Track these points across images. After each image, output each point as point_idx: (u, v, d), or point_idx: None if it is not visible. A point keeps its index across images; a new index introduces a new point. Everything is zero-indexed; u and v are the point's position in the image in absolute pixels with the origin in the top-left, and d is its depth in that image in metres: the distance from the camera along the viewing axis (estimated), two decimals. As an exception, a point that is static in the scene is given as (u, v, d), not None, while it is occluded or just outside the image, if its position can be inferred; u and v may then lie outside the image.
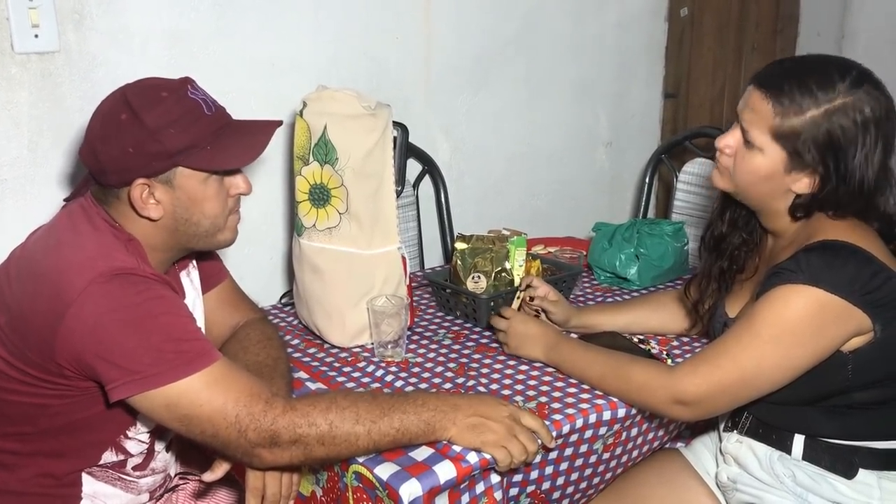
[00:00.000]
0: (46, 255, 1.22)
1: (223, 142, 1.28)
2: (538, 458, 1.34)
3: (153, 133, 1.22)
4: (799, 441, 1.40)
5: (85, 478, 1.32)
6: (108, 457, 1.32)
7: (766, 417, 1.44)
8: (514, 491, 1.35)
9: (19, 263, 1.26)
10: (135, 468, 1.37)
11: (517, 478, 1.34)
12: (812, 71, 1.31)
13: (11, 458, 1.28)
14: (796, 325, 1.26)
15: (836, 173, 1.29)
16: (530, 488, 1.37)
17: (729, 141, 1.39)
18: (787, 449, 1.41)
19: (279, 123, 1.38)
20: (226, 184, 1.33)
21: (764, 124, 1.32)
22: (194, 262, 1.50)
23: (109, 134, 1.24)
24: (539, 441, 1.30)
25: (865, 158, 1.28)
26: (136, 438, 1.34)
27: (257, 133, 1.34)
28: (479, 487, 1.30)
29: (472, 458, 1.26)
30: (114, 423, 1.30)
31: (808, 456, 1.39)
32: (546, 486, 1.38)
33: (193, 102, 1.27)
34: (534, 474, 1.35)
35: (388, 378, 1.57)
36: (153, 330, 1.16)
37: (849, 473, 1.36)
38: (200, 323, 1.48)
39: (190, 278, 1.48)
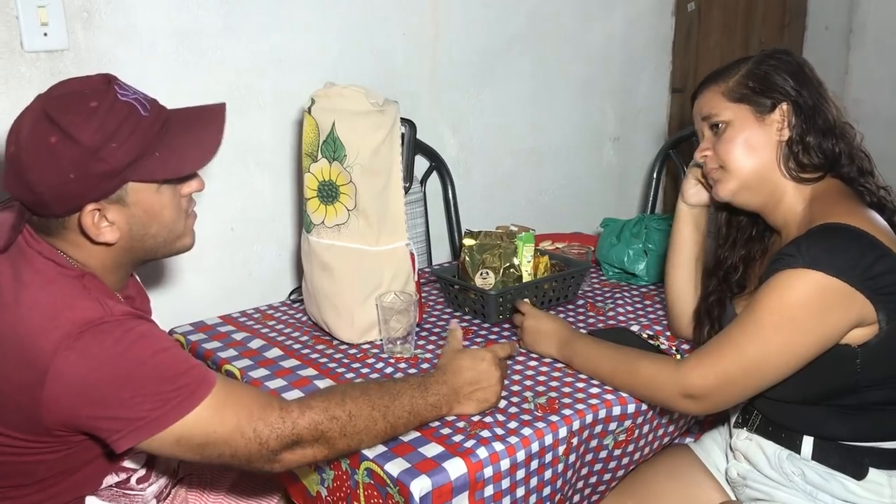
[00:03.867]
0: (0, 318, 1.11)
1: (170, 143, 1.17)
2: (550, 457, 1.35)
3: (94, 153, 1.09)
4: (808, 441, 1.40)
5: (89, 499, 1.28)
6: (111, 479, 1.29)
7: (776, 417, 1.43)
8: (533, 499, 1.36)
9: None
10: (139, 481, 1.34)
11: (533, 482, 1.34)
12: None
13: (10, 502, 1.21)
14: (797, 310, 1.25)
15: (797, 102, 1.39)
16: (546, 490, 1.37)
17: (703, 145, 1.48)
18: (796, 448, 1.41)
19: (223, 107, 1.25)
20: (180, 187, 1.23)
21: (717, 100, 1.44)
22: None
23: (41, 162, 1.09)
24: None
25: (812, 88, 1.41)
26: (135, 458, 1.31)
27: (205, 124, 1.22)
28: (506, 501, 1.31)
29: (483, 453, 1.27)
30: (112, 457, 1.24)
31: (817, 456, 1.39)
32: (559, 483, 1.38)
33: (127, 106, 1.13)
34: (547, 474, 1.35)
35: (397, 375, 1.57)
36: (146, 377, 1.09)
37: (859, 474, 1.36)
38: None
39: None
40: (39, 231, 1.18)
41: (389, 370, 1.59)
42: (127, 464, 1.30)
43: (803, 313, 1.25)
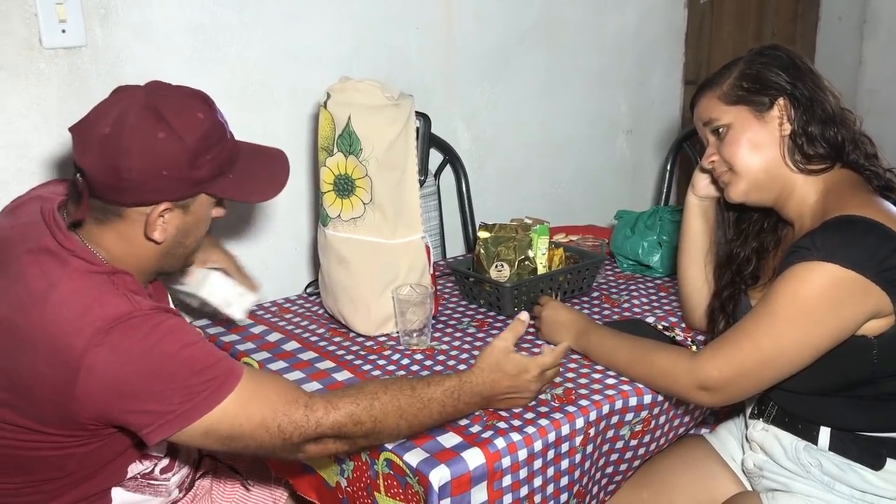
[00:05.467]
0: (28, 317, 1.11)
1: (242, 168, 1.26)
2: (567, 448, 1.36)
3: (193, 159, 1.16)
4: (825, 432, 1.40)
5: (115, 490, 1.31)
6: (135, 468, 1.31)
7: (793, 408, 1.43)
8: (550, 488, 1.37)
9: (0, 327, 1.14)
10: (162, 471, 1.36)
11: (550, 472, 1.35)
12: None
13: (41, 497, 1.24)
14: (812, 303, 1.25)
15: (794, 95, 1.39)
16: (564, 481, 1.38)
17: (708, 152, 1.49)
18: (813, 439, 1.41)
19: (283, 154, 1.38)
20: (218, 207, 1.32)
21: (715, 105, 1.45)
22: None
23: (142, 151, 1.13)
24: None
25: (807, 79, 1.40)
26: (158, 447, 1.33)
27: (268, 161, 1.33)
28: (523, 491, 1.32)
29: (500, 443, 1.28)
30: (140, 448, 1.27)
31: (834, 447, 1.39)
32: (576, 473, 1.39)
33: (222, 126, 1.23)
34: (564, 464, 1.36)
35: (414, 367, 1.59)
36: (175, 370, 1.12)
37: (876, 465, 1.36)
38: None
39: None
40: (97, 214, 1.20)
41: (406, 362, 1.60)
42: (154, 452, 1.32)
43: (818, 306, 1.25)
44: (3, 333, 1.13)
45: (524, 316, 1.43)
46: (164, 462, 1.36)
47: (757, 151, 1.41)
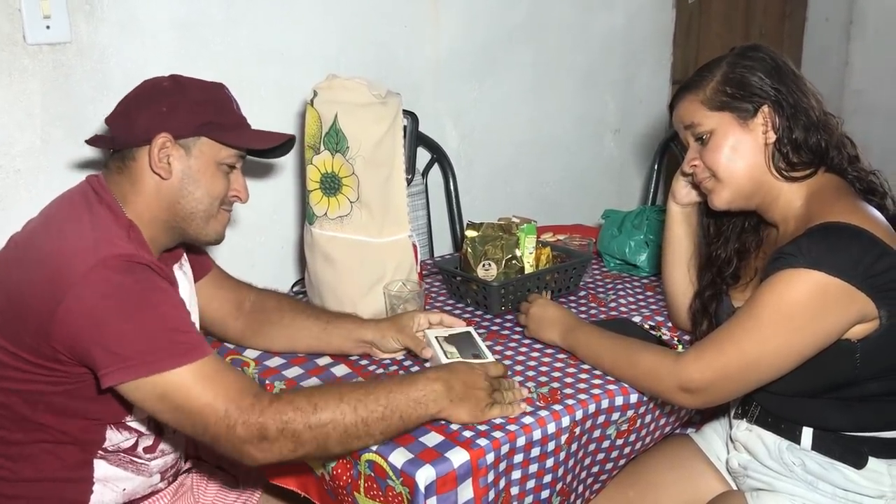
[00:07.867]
0: (47, 242, 1.24)
1: (246, 131, 1.40)
2: (552, 446, 1.36)
3: (190, 103, 1.32)
4: (808, 432, 1.40)
5: (97, 462, 1.33)
6: (116, 438, 1.33)
7: (776, 409, 1.44)
8: (535, 486, 1.37)
9: (18, 250, 1.28)
10: (145, 450, 1.38)
11: (532, 468, 1.35)
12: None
13: (17, 448, 1.28)
14: (797, 309, 1.25)
15: (778, 102, 1.37)
16: (547, 478, 1.38)
17: (690, 156, 1.47)
18: (796, 439, 1.41)
19: (293, 137, 1.48)
20: (230, 180, 1.40)
21: (696, 108, 1.43)
22: (185, 255, 1.51)
23: (148, 97, 1.33)
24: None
25: (791, 83, 1.39)
26: (137, 422, 1.35)
27: (275, 134, 1.44)
28: (510, 488, 1.32)
29: (483, 440, 1.28)
30: (110, 410, 1.30)
31: (817, 446, 1.40)
32: (560, 472, 1.39)
33: (229, 97, 1.40)
34: (549, 462, 1.36)
35: (407, 362, 1.58)
36: (149, 318, 1.18)
37: (858, 463, 1.37)
38: (195, 312, 1.50)
39: (183, 270, 1.48)
40: (108, 170, 1.36)
41: (399, 357, 1.60)
42: (133, 423, 1.34)
43: (803, 313, 1.25)
44: (23, 253, 1.26)
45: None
46: (148, 441, 1.38)
47: (741, 159, 1.40)
